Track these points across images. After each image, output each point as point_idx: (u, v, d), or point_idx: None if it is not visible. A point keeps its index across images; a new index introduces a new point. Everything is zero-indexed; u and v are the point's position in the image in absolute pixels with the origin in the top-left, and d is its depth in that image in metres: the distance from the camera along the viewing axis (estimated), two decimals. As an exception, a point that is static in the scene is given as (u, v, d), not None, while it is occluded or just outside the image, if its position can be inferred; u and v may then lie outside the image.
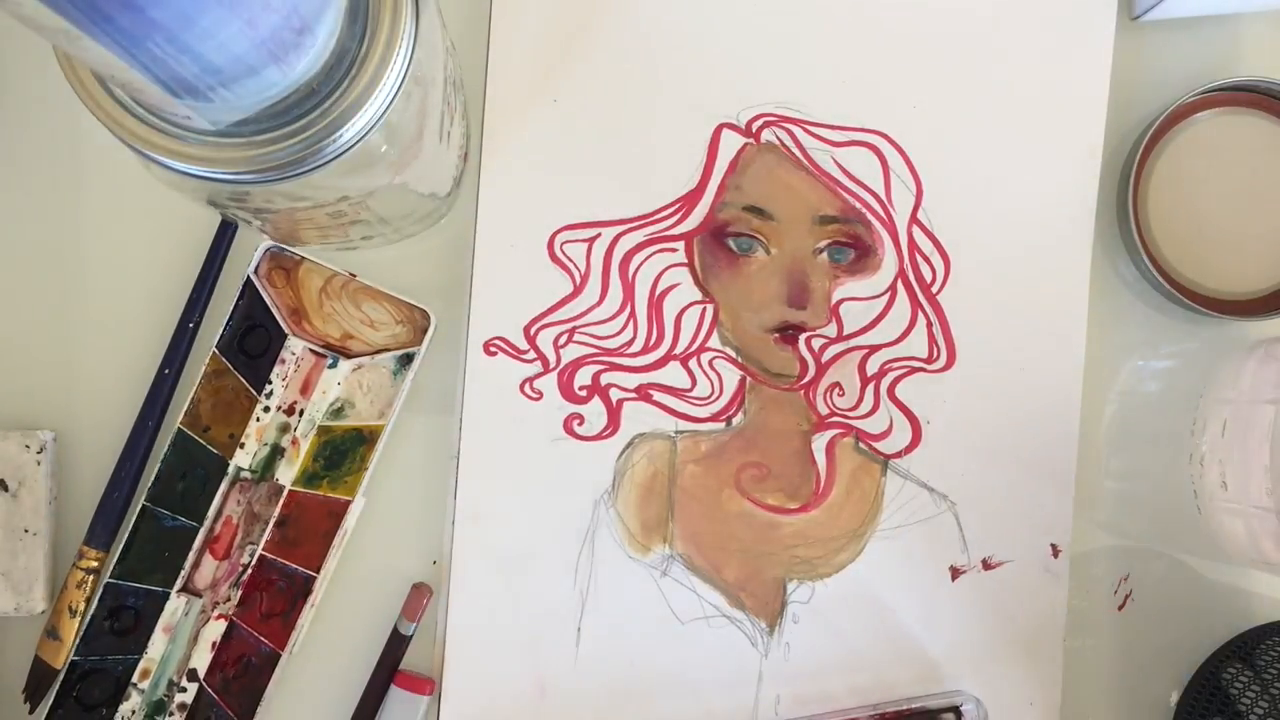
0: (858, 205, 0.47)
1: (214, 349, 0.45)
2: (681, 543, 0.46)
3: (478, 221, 0.46)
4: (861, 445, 0.47)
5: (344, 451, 0.46)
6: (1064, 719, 0.47)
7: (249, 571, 0.45)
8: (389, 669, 0.45)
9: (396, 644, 0.45)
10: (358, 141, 0.32)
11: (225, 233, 0.46)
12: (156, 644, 0.45)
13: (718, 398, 0.47)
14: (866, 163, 0.47)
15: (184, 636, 0.45)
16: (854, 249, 0.47)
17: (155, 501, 0.45)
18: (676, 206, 0.47)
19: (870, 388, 0.47)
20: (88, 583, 0.44)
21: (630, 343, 0.46)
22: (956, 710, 0.44)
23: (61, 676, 0.44)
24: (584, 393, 0.46)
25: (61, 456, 0.46)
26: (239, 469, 0.46)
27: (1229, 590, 0.48)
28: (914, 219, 0.47)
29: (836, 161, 0.47)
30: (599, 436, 0.46)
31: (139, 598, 0.45)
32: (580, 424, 0.46)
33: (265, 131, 0.31)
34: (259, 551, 0.45)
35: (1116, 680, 0.48)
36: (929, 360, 0.47)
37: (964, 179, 0.47)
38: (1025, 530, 0.47)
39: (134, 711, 0.45)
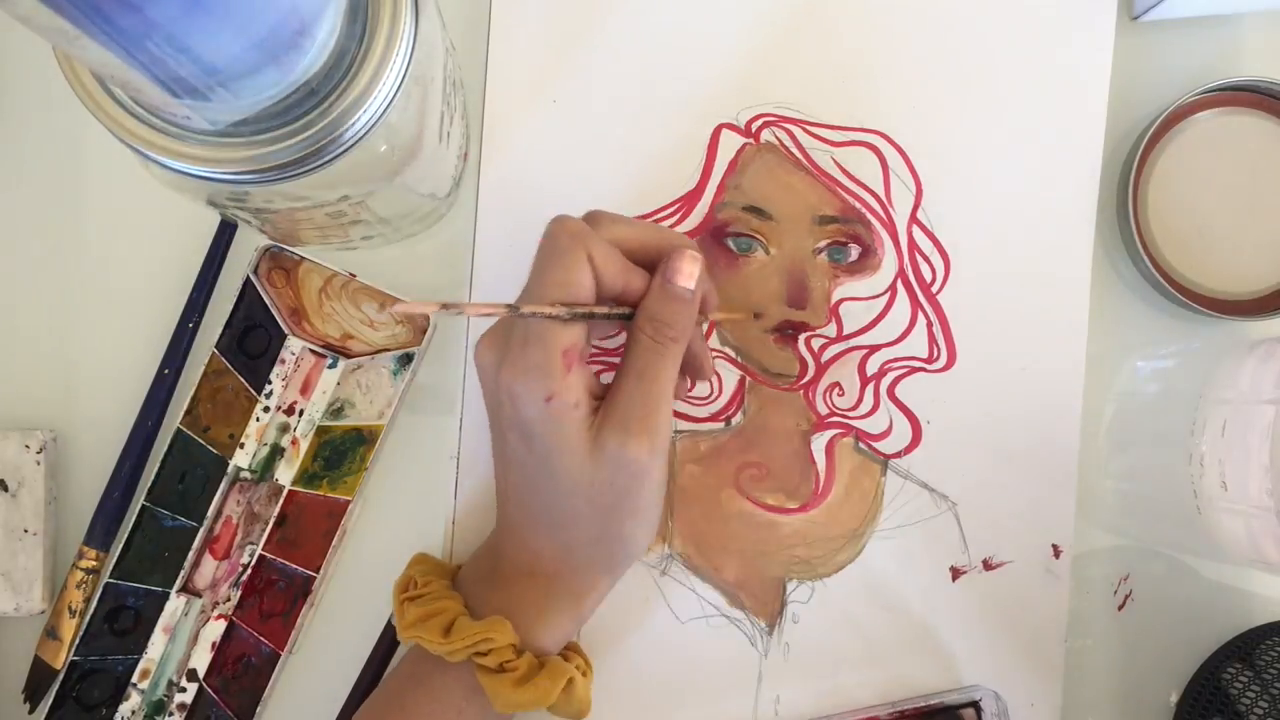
0: (857, 205, 0.47)
1: (214, 349, 0.45)
2: (681, 542, 0.46)
3: (478, 221, 0.46)
4: (861, 445, 0.47)
5: (343, 451, 0.46)
6: (1064, 719, 0.46)
7: (249, 571, 0.45)
8: (381, 663, 0.45)
9: (389, 637, 0.45)
10: (357, 141, 0.32)
11: (225, 233, 0.46)
12: (156, 644, 0.45)
13: (717, 397, 0.47)
14: (866, 163, 0.47)
15: (184, 636, 0.45)
16: (854, 249, 0.47)
17: (155, 501, 0.45)
18: (676, 207, 0.47)
19: (870, 388, 0.47)
20: (88, 583, 0.44)
21: (630, 343, 0.46)
22: (976, 705, 0.44)
23: (61, 676, 0.44)
24: (584, 393, 0.46)
25: (61, 456, 0.46)
26: (239, 469, 0.46)
27: (1229, 590, 0.48)
28: (914, 219, 0.47)
29: (836, 161, 0.47)
30: (599, 436, 0.46)
31: (139, 598, 0.45)
32: (580, 424, 0.46)
33: (265, 131, 0.31)
34: (259, 551, 0.45)
35: (1116, 680, 0.48)
36: (929, 360, 0.47)
37: (964, 179, 0.47)
38: (1026, 530, 0.47)
39: (134, 711, 0.45)
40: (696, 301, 0.38)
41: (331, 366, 0.46)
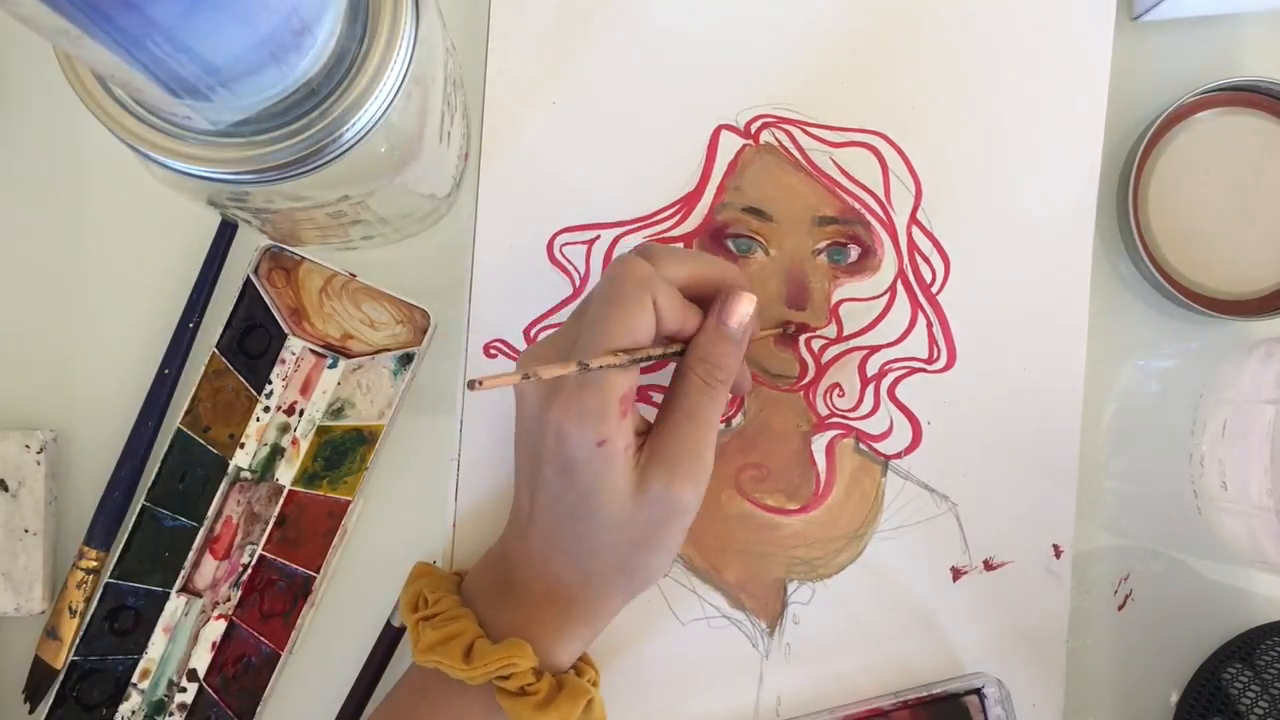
0: (857, 206, 0.47)
1: (214, 349, 0.45)
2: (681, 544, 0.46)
3: (477, 224, 0.46)
4: (861, 446, 0.47)
5: (344, 451, 0.46)
6: (1064, 719, 0.46)
7: (249, 571, 0.45)
8: (381, 663, 0.45)
9: (389, 637, 0.45)
10: (358, 141, 0.32)
11: (225, 233, 0.46)
12: (156, 644, 0.45)
13: (717, 398, 0.47)
14: (865, 163, 0.47)
15: (184, 636, 0.45)
16: (853, 249, 0.47)
17: (155, 501, 0.45)
18: (675, 208, 0.47)
19: (870, 388, 0.47)
20: (88, 583, 0.44)
21: (630, 343, 0.46)
22: (979, 693, 0.44)
23: (61, 676, 0.44)
24: (584, 393, 0.46)
25: (61, 456, 0.46)
26: (239, 469, 0.46)
27: (1229, 590, 0.48)
28: (913, 219, 0.47)
29: (835, 162, 0.47)
30: (599, 437, 0.46)
31: (139, 598, 0.45)
32: (580, 424, 0.46)
33: (265, 131, 0.31)
34: (259, 551, 0.45)
35: (1116, 680, 0.48)
36: (929, 361, 0.47)
37: (963, 179, 0.47)
38: (1027, 531, 0.47)
39: (134, 711, 0.45)
40: (746, 340, 0.39)
41: (332, 366, 0.47)
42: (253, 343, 0.46)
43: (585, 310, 0.38)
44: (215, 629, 0.45)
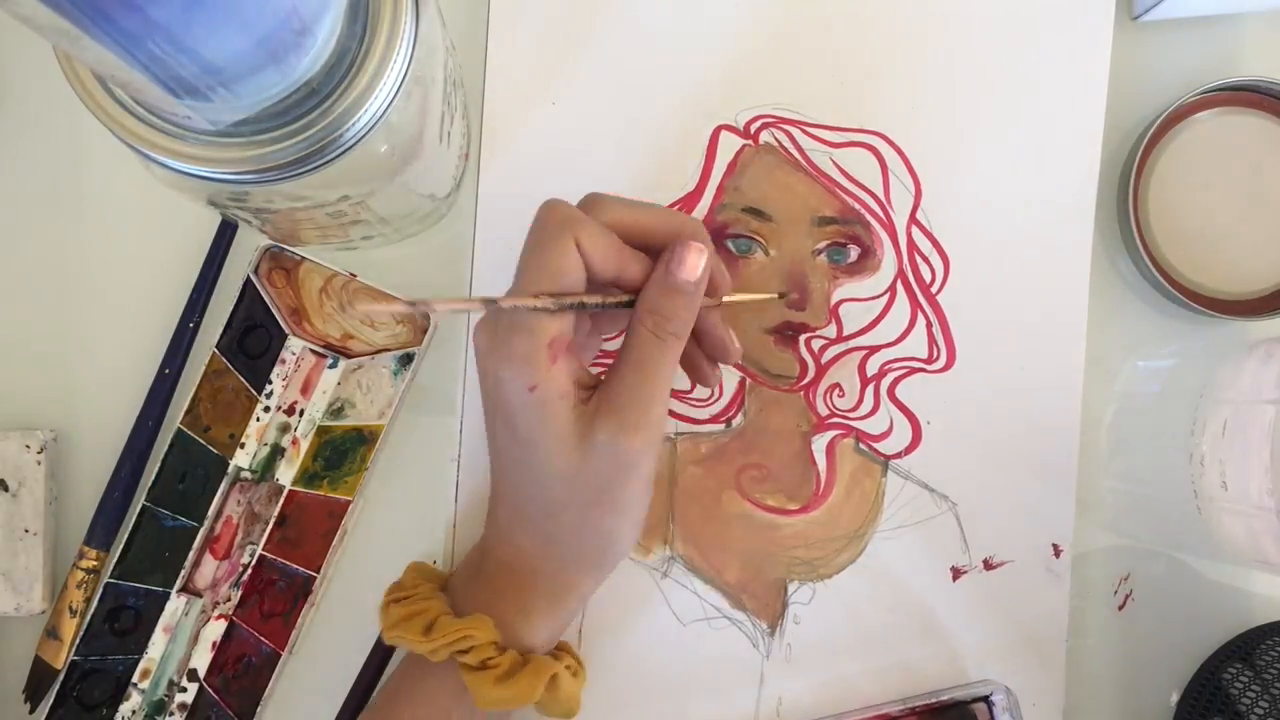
0: (856, 206, 0.47)
1: (214, 349, 0.45)
2: (682, 544, 0.46)
3: (477, 224, 0.46)
4: (862, 446, 0.47)
5: (344, 451, 0.46)
6: (1064, 718, 0.46)
7: (249, 571, 0.45)
8: (380, 663, 0.45)
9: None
10: (358, 141, 0.32)
11: (225, 233, 0.46)
12: (156, 644, 0.45)
13: (717, 399, 0.47)
14: (865, 164, 0.47)
15: (184, 636, 0.45)
16: (853, 250, 0.47)
17: (155, 501, 0.45)
18: (675, 208, 0.47)
19: (870, 388, 0.47)
20: (88, 583, 0.44)
21: (630, 343, 0.46)
22: (987, 700, 0.44)
23: (61, 676, 0.44)
24: (584, 393, 0.46)
25: (61, 456, 0.46)
26: (239, 469, 0.46)
27: (1229, 590, 0.48)
28: (913, 219, 0.47)
29: (835, 162, 0.47)
30: (599, 437, 0.46)
31: (139, 598, 0.45)
32: (580, 424, 0.46)
33: (265, 131, 0.31)
34: (259, 551, 0.45)
35: (1116, 680, 0.48)
36: (929, 360, 0.47)
37: (963, 179, 0.47)
38: (1027, 530, 0.47)
39: (134, 711, 0.45)
40: (699, 294, 0.37)
41: (332, 366, 0.47)
42: (253, 343, 0.46)
43: None
44: (215, 629, 0.45)
